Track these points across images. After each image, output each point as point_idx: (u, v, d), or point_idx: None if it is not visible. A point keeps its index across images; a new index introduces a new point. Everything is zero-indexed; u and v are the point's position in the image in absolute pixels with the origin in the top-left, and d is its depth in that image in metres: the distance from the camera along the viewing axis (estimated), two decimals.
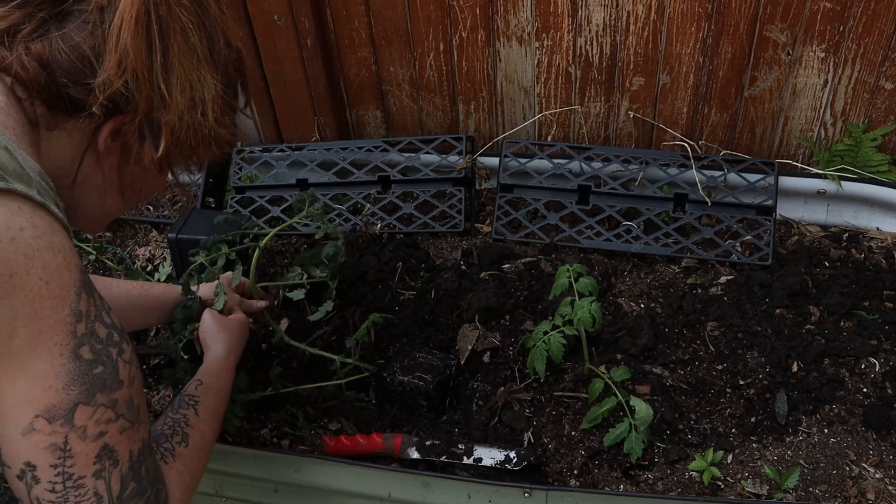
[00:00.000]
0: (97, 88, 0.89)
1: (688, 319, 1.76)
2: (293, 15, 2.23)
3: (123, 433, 0.91)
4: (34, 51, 0.88)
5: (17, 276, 0.77)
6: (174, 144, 0.97)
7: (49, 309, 0.81)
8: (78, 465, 0.88)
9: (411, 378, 1.60)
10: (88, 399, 0.86)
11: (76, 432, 0.86)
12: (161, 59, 0.91)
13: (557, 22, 2.10)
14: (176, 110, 0.95)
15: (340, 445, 1.54)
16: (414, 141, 2.25)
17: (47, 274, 0.80)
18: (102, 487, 0.91)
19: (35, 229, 0.80)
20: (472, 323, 1.78)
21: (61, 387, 0.84)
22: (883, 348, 1.65)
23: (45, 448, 0.86)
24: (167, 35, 0.91)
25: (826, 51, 1.99)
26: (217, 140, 1.04)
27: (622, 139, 2.29)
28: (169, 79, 0.93)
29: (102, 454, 0.90)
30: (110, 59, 0.88)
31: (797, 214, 2.10)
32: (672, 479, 1.47)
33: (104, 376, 0.87)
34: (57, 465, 0.87)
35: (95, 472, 0.89)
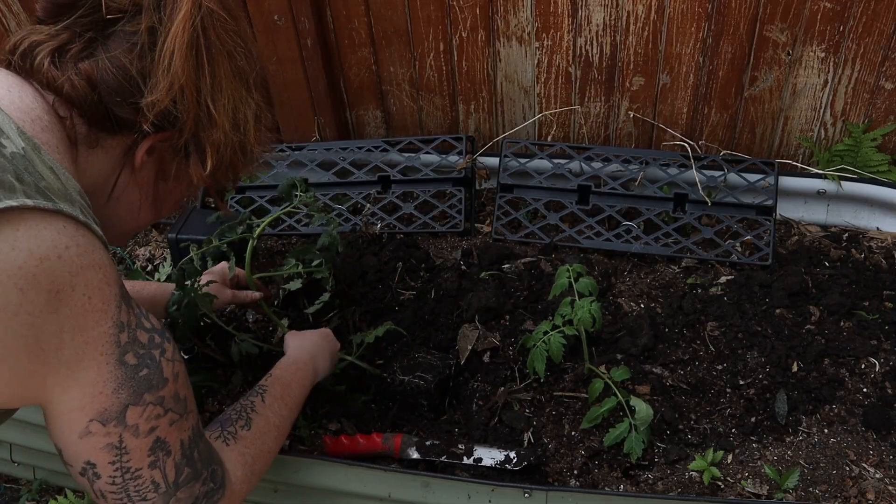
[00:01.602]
0: (146, 108, 0.92)
1: (688, 319, 1.76)
2: (293, 15, 2.22)
3: (173, 425, 0.97)
4: (83, 70, 0.91)
5: (63, 293, 0.82)
6: (219, 161, 1.01)
7: (93, 322, 0.85)
8: (134, 460, 0.94)
9: (411, 378, 1.60)
10: (137, 399, 0.91)
11: (129, 431, 0.92)
12: (209, 81, 0.95)
13: (557, 22, 2.10)
14: (222, 129, 0.98)
15: (340, 445, 1.54)
16: (414, 141, 2.25)
17: (90, 290, 0.84)
18: (159, 476, 0.97)
19: (79, 247, 0.84)
20: (472, 323, 1.78)
21: (111, 392, 0.89)
22: (883, 348, 1.65)
23: (102, 448, 0.92)
24: (215, 58, 0.95)
25: (826, 51, 1.99)
26: (256, 157, 1.08)
27: (622, 139, 2.29)
28: (216, 99, 0.96)
29: (155, 446, 0.95)
30: (161, 80, 0.91)
31: (797, 214, 2.10)
32: (672, 479, 1.47)
33: (150, 377, 0.92)
34: (114, 462, 0.93)
35: (150, 463, 0.96)
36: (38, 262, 0.79)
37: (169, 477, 0.99)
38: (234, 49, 1.00)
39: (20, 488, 1.79)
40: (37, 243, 0.80)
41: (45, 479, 1.76)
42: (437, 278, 1.93)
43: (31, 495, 1.75)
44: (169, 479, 0.99)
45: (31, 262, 0.79)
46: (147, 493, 0.98)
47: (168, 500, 1.00)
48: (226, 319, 1.80)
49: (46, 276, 0.80)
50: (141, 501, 0.98)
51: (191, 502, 1.03)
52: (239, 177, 1.10)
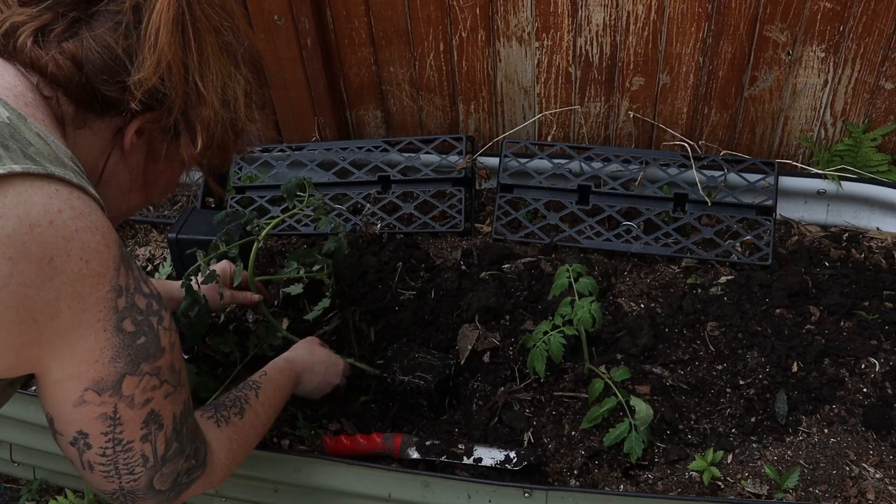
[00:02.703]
0: (133, 86, 0.90)
1: (688, 319, 1.76)
2: (293, 15, 2.22)
3: (168, 398, 0.96)
4: (67, 50, 0.89)
5: (57, 259, 0.79)
6: (210, 140, 0.99)
7: (90, 287, 0.83)
8: (127, 431, 0.93)
9: (411, 378, 1.60)
10: (134, 369, 0.90)
11: (124, 401, 0.90)
12: (196, 58, 0.93)
13: (557, 22, 2.10)
14: (211, 106, 0.96)
15: (340, 445, 1.54)
16: (414, 141, 2.25)
17: (87, 254, 0.82)
18: (149, 449, 0.96)
19: (73, 210, 0.81)
20: (472, 323, 1.78)
21: (107, 360, 0.87)
22: (883, 348, 1.65)
23: (95, 418, 0.90)
24: (201, 34, 0.93)
25: (826, 51, 1.99)
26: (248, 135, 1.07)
27: (622, 139, 2.29)
28: (204, 76, 0.95)
29: (149, 419, 0.94)
30: (147, 57, 0.90)
31: (797, 214, 2.10)
32: (672, 479, 1.47)
33: (147, 346, 0.90)
34: (107, 433, 0.92)
35: (143, 436, 0.95)
36: (27, 230, 0.77)
37: (158, 451, 0.97)
38: (221, 25, 0.98)
39: (20, 488, 1.79)
40: (26, 210, 0.77)
41: (45, 479, 1.76)
42: (437, 278, 1.93)
43: (31, 495, 1.75)
44: (158, 454, 0.98)
45: (21, 229, 0.76)
46: (135, 467, 0.96)
47: (154, 474, 0.99)
48: (225, 319, 1.80)
49: (37, 243, 0.77)
50: (128, 475, 0.97)
51: (172, 478, 1.02)
52: (230, 156, 1.09)
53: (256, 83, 1.07)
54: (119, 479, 0.97)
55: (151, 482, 0.99)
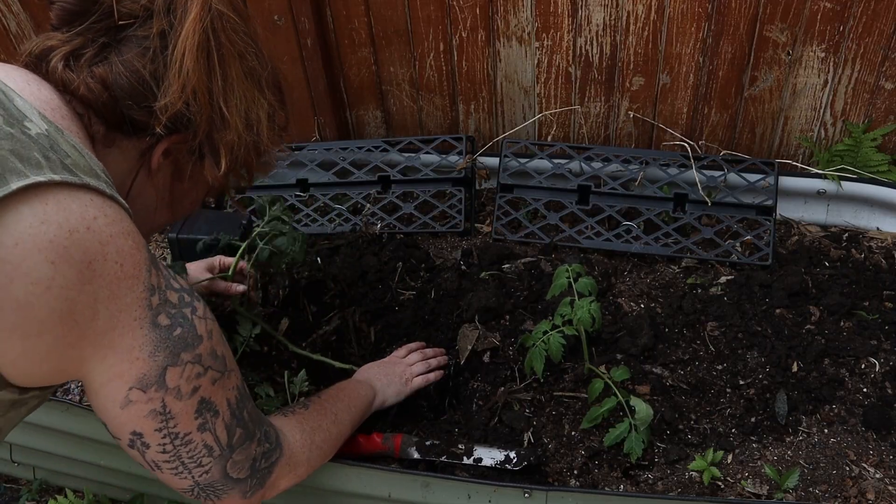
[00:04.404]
0: (159, 111, 0.94)
1: (688, 319, 1.76)
2: (293, 15, 2.22)
3: (216, 384, 0.97)
4: (97, 74, 0.93)
5: (95, 263, 0.82)
6: (233, 162, 1.02)
7: (126, 289, 0.86)
8: (181, 424, 0.94)
9: None
10: (174, 360, 0.91)
11: (171, 394, 0.92)
12: (221, 83, 0.96)
13: (557, 22, 2.10)
14: (235, 129, 0.99)
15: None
16: (414, 141, 2.25)
17: (121, 257, 0.85)
18: (210, 438, 0.97)
19: (107, 217, 0.85)
20: (472, 323, 1.78)
21: (147, 356, 0.89)
22: (883, 348, 1.65)
23: (146, 416, 0.92)
24: (226, 59, 0.97)
25: (826, 51, 1.99)
26: (270, 156, 1.10)
27: (622, 139, 2.29)
28: (228, 100, 0.98)
29: (201, 408, 0.95)
30: (173, 83, 0.93)
31: (797, 214, 2.10)
32: (672, 479, 1.47)
33: (184, 336, 0.92)
34: (161, 429, 0.93)
35: (199, 426, 0.96)
36: (67, 235, 0.80)
37: (221, 439, 0.98)
38: (245, 50, 1.01)
39: (20, 488, 1.79)
40: (66, 216, 0.80)
41: (45, 479, 1.76)
42: (437, 278, 1.93)
43: (31, 495, 1.75)
44: (222, 442, 0.98)
45: (62, 235, 0.80)
46: (202, 459, 0.97)
47: (225, 463, 0.99)
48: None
49: (77, 248, 0.81)
50: (197, 468, 0.98)
51: (249, 464, 1.03)
52: (254, 176, 1.12)
53: (279, 105, 1.11)
54: (189, 473, 0.98)
55: (226, 471, 1.00)
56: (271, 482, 1.10)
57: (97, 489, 1.69)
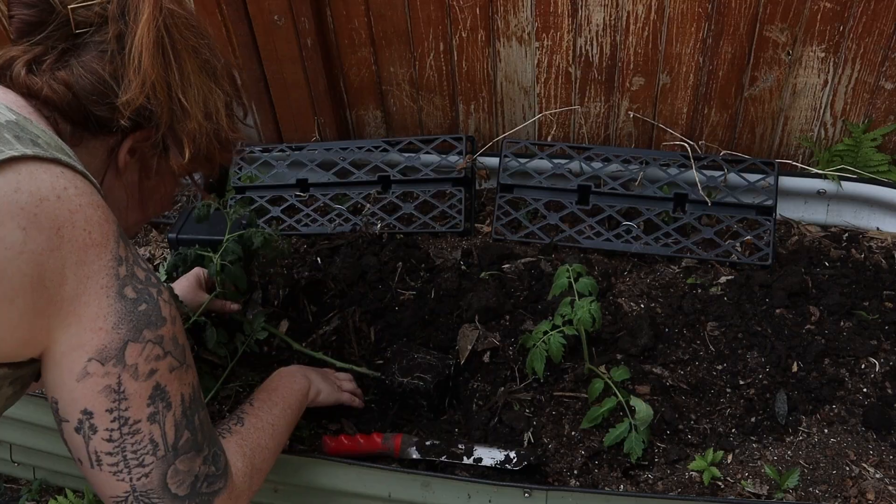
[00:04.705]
0: (122, 107, 0.98)
1: (688, 319, 1.76)
2: (293, 15, 2.22)
3: (173, 372, 0.96)
4: (60, 77, 0.98)
5: (64, 229, 0.86)
6: (196, 150, 1.06)
7: (94, 255, 0.89)
8: (133, 408, 0.93)
9: (411, 379, 1.60)
10: (136, 336, 0.92)
11: (128, 371, 0.92)
12: (178, 76, 1.01)
13: (557, 22, 2.10)
14: (195, 119, 1.04)
15: (340, 445, 1.54)
16: (414, 141, 2.25)
17: (89, 225, 0.88)
18: (158, 433, 0.95)
19: (77, 189, 0.89)
20: (472, 323, 1.78)
21: (110, 327, 0.90)
22: (883, 348, 1.65)
23: (100, 391, 0.91)
24: (180, 54, 1.02)
25: (826, 51, 1.99)
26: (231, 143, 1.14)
27: (622, 139, 2.29)
28: (186, 92, 1.03)
29: (155, 395, 0.94)
30: (133, 80, 0.98)
31: (797, 214, 2.10)
32: (672, 479, 1.47)
33: (148, 313, 0.93)
34: (112, 410, 0.92)
35: (150, 415, 0.94)
36: (38, 203, 0.84)
37: (168, 436, 0.96)
38: (198, 45, 1.06)
39: (20, 488, 1.79)
40: (37, 185, 0.85)
41: (45, 479, 1.76)
42: (437, 278, 1.93)
43: (31, 495, 1.75)
44: (168, 440, 0.96)
45: (32, 202, 0.84)
46: (145, 457, 0.95)
47: (167, 468, 0.96)
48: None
49: (47, 215, 0.85)
50: (138, 468, 0.95)
51: (190, 481, 0.99)
52: (217, 165, 1.15)
53: (234, 96, 1.15)
54: (129, 473, 0.95)
55: (165, 479, 0.97)
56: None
57: None
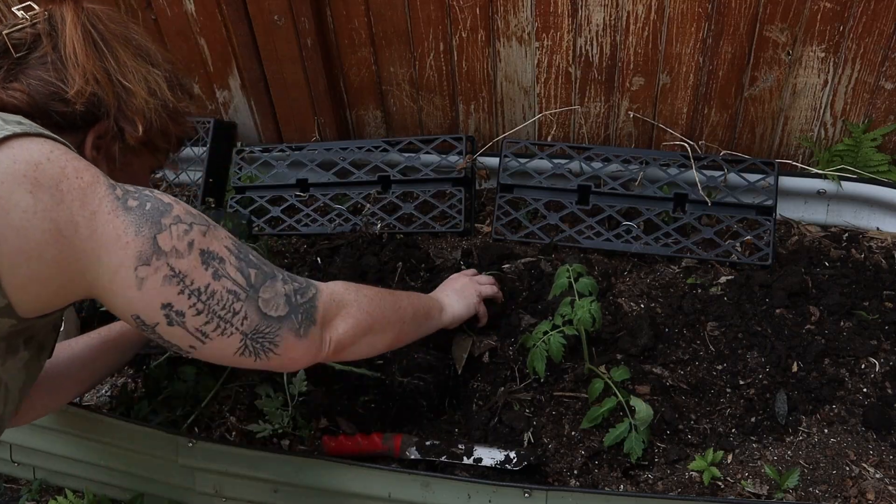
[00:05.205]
0: (73, 98, 1.10)
1: (688, 319, 1.76)
2: (293, 15, 2.22)
3: (206, 235, 1.07)
4: (14, 86, 1.09)
5: (61, 183, 0.97)
6: (149, 125, 1.16)
7: (91, 194, 1.00)
8: (196, 279, 1.04)
9: (411, 379, 1.60)
10: (159, 228, 1.02)
11: (172, 256, 1.02)
12: (114, 63, 1.13)
13: (557, 22, 2.10)
14: (140, 96, 1.15)
15: (340, 445, 1.54)
16: (414, 141, 2.25)
17: (78, 172, 1.00)
18: (229, 284, 1.07)
19: (59, 150, 1.01)
20: (464, 333, 1.77)
21: (133, 235, 1.01)
22: (883, 348, 1.65)
23: (162, 285, 1.02)
24: (110, 43, 1.14)
25: (826, 51, 1.99)
26: (182, 115, 1.24)
27: (622, 139, 2.29)
28: (126, 75, 1.14)
29: (205, 258, 1.05)
30: (75, 75, 1.09)
31: (797, 214, 2.10)
32: (672, 479, 1.47)
33: (155, 206, 1.04)
34: (183, 290, 1.03)
35: (213, 274, 1.05)
36: (34, 168, 0.96)
37: (239, 281, 1.07)
38: (128, 34, 1.18)
39: (20, 488, 1.79)
40: (30, 154, 0.97)
41: (45, 479, 1.76)
42: (437, 278, 1.92)
43: (31, 495, 1.75)
44: (240, 283, 1.07)
45: (30, 168, 0.96)
46: (233, 306, 1.06)
47: (255, 303, 1.08)
48: None
49: (45, 175, 0.97)
50: (234, 316, 1.06)
51: (283, 301, 1.11)
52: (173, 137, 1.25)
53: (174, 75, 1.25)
54: (232, 325, 1.06)
55: (262, 311, 1.08)
56: (321, 317, 1.15)
57: (97, 489, 1.69)
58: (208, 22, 2.41)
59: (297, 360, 1.14)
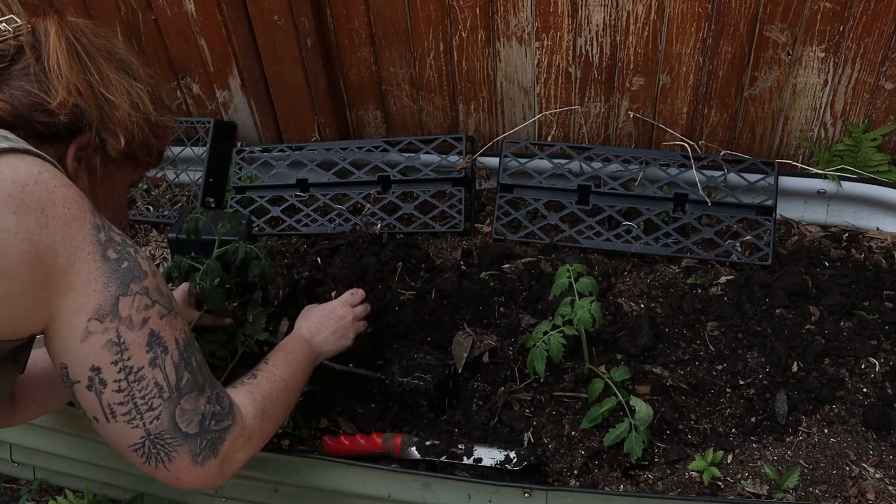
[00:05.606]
0: (56, 109, 1.09)
1: (688, 319, 1.76)
2: (293, 15, 2.22)
3: (164, 319, 1.06)
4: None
5: (47, 209, 0.97)
6: (131, 137, 1.16)
7: (76, 228, 1.00)
8: (134, 356, 1.03)
9: (411, 379, 1.60)
10: (125, 290, 1.02)
11: (124, 323, 1.02)
12: (97, 75, 1.13)
13: (557, 22, 2.10)
14: (123, 109, 1.15)
15: (340, 445, 1.54)
16: (414, 141, 2.25)
17: (67, 202, 0.99)
18: (160, 376, 1.05)
19: (48, 172, 1.00)
20: (464, 330, 1.77)
21: (101, 287, 1.00)
22: (883, 348, 1.65)
23: (103, 347, 1.01)
24: (93, 56, 1.14)
25: (826, 51, 1.99)
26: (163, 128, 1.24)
27: (622, 139, 2.29)
28: (108, 87, 1.14)
29: (152, 341, 1.04)
30: (58, 85, 1.09)
31: (797, 214, 2.10)
32: (672, 479, 1.47)
33: (131, 269, 1.04)
34: (117, 361, 1.02)
35: (151, 360, 1.04)
36: (21, 188, 0.95)
37: (170, 378, 1.05)
38: (110, 46, 1.18)
39: (20, 488, 1.79)
40: (17, 173, 0.96)
41: (45, 479, 1.76)
42: (437, 278, 1.93)
43: (31, 495, 1.75)
44: (171, 381, 1.05)
45: (16, 188, 0.95)
46: (152, 400, 1.04)
47: (174, 408, 1.05)
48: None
49: (31, 198, 0.96)
50: (149, 411, 1.04)
51: (198, 419, 1.07)
52: (154, 149, 1.24)
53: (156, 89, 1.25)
54: (141, 418, 1.04)
55: (174, 419, 1.05)
56: (225, 451, 1.11)
57: (97, 489, 1.69)
58: (208, 22, 2.42)
59: (184, 482, 1.09)
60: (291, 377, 1.34)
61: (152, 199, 2.48)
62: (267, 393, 1.24)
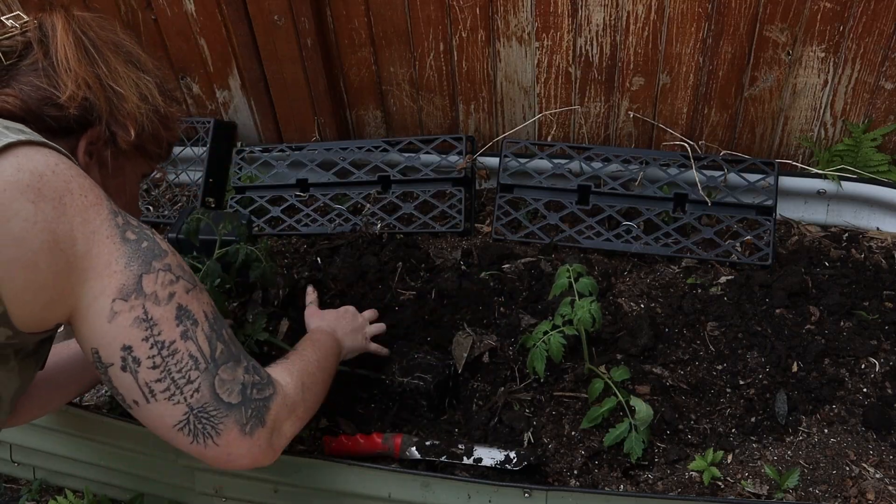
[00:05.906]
0: (66, 103, 1.10)
1: (688, 319, 1.76)
2: (293, 15, 2.22)
3: (190, 293, 1.07)
4: (7, 92, 1.09)
5: (65, 197, 0.98)
6: (141, 129, 1.17)
7: (93, 214, 1.01)
8: (165, 331, 1.03)
9: (411, 379, 1.60)
10: (147, 268, 1.03)
11: (150, 300, 1.02)
12: (105, 68, 1.14)
13: (557, 22, 2.10)
14: (132, 101, 1.15)
15: (340, 445, 1.54)
16: (414, 141, 2.25)
17: (83, 190, 1.01)
18: (194, 348, 1.05)
19: (64, 164, 1.01)
20: (464, 330, 1.77)
21: (123, 267, 1.01)
22: (883, 348, 1.65)
23: (131, 325, 1.01)
24: (101, 50, 1.14)
25: (826, 51, 1.99)
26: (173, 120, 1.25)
27: (622, 139, 2.29)
28: (117, 80, 1.15)
29: (180, 314, 1.04)
30: (66, 79, 1.10)
31: (797, 214, 2.10)
32: (672, 479, 1.47)
33: (151, 248, 1.05)
34: (148, 337, 1.02)
35: (181, 333, 1.04)
36: (38, 178, 0.96)
37: (204, 350, 1.05)
38: (118, 40, 1.19)
39: (20, 488, 1.79)
40: (34, 164, 0.97)
41: (45, 479, 1.76)
42: (437, 278, 1.93)
43: (31, 495, 1.75)
44: (205, 352, 1.05)
45: (34, 179, 0.96)
46: (189, 373, 1.04)
47: (212, 378, 1.05)
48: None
49: (49, 187, 0.97)
50: (187, 385, 1.03)
51: (238, 388, 1.07)
52: (164, 143, 1.25)
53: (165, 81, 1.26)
54: (181, 393, 1.03)
55: (215, 389, 1.05)
56: (272, 420, 1.10)
57: (97, 489, 1.70)
58: (208, 22, 2.42)
59: (236, 457, 1.07)
60: (323, 358, 1.36)
61: (152, 199, 2.48)
62: (302, 368, 1.26)
